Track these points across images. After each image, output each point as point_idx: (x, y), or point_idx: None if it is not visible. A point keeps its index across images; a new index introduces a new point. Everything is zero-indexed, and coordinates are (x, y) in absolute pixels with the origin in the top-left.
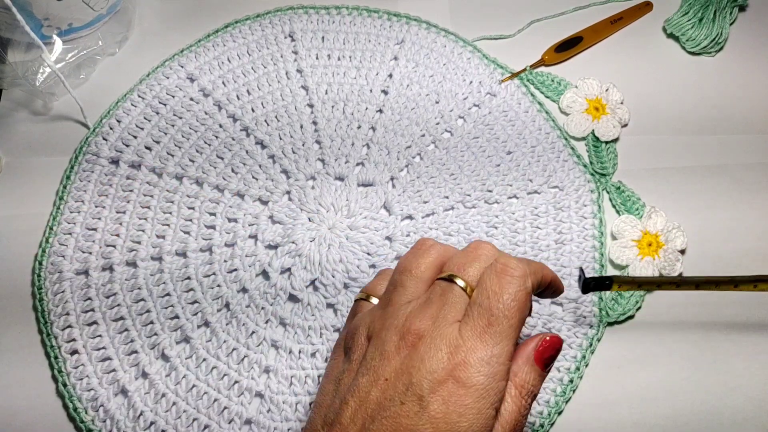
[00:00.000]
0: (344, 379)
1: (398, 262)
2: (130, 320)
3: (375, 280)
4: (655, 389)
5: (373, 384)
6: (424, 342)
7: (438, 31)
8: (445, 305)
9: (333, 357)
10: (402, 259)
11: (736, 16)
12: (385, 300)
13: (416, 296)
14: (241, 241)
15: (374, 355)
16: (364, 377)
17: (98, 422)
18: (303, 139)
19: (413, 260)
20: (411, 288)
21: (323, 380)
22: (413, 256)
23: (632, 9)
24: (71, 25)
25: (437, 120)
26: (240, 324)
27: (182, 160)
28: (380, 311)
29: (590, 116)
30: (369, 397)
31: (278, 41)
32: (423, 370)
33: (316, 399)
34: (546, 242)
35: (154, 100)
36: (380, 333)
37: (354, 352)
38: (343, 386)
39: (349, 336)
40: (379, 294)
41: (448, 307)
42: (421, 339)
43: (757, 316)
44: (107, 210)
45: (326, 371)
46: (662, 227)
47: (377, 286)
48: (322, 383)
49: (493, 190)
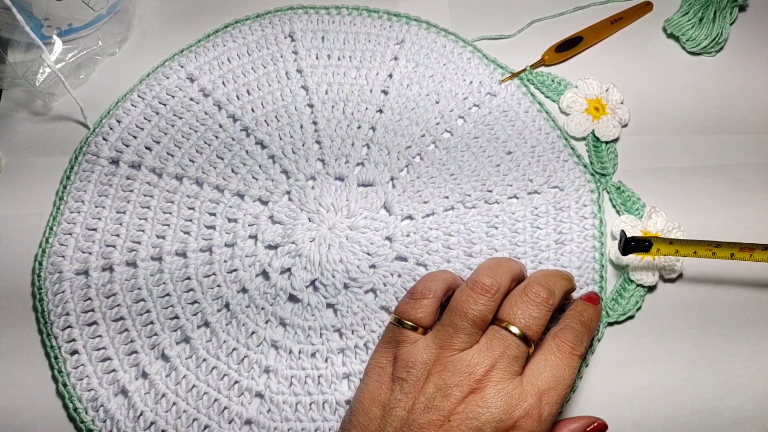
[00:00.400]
0: (397, 410)
1: (455, 301)
2: (130, 320)
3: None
4: (655, 389)
5: (436, 423)
6: (489, 389)
7: (438, 31)
8: (505, 354)
9: (375, 378)
10: (459, 299)
11: (736, 16)
12: (441, 340)
13: (473, 341)
14: (241, 241)
15: (436, 395)
16: (426, 415)
17: (98, 422)
18: (303, 139)
19: (473, 306)
20: (468, 333)
21: (366, 400)
22: (474, 302)
23: (632, 9)
24: (71, 25)
25: (437, 120)
26: (240, 324)
27: (182, 160)
28: (437, 350)
29: (590, 116)
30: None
31: (278, 41)
32: (491, 417)
33: (359, 418)
34: (546, 242)
35: (154, 100)
36: (442, 374)
37: (410, 385)
38: (396, 417)
39: (402, 366)
40: (423, 324)
41: (508, 358)
42: (486, 387)
43: (757, 316)
44: (107, 210)
45: (369, 392)
46: (662, 227)
47: (417, 314)
48: (365, 403)
49: (493, 190)
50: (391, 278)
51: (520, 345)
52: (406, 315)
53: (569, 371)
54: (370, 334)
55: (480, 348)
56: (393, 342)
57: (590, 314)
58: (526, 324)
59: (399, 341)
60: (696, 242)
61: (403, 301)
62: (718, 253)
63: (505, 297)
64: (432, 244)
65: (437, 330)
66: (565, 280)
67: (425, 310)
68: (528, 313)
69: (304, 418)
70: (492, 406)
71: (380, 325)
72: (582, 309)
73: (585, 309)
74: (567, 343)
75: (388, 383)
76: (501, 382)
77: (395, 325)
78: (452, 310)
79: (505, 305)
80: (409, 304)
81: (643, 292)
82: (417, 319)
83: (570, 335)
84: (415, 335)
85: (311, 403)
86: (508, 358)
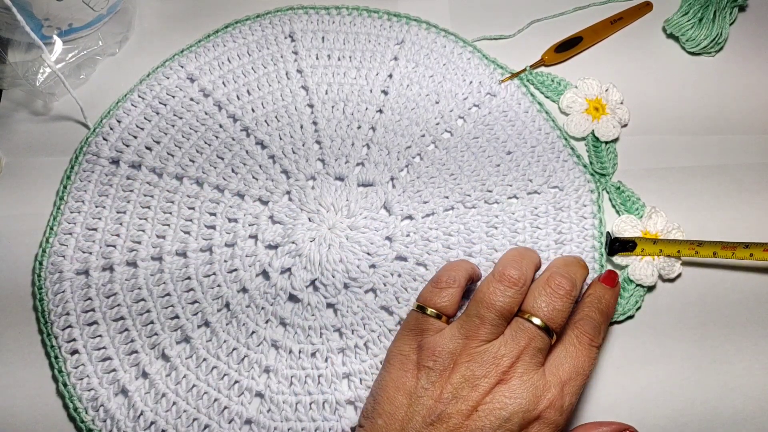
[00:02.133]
0: (424, 399)
1: (480, 292)
2: (131, 320)
3: (433, 291)
4: (655, 389)
5: (464, 413)
6: (515, 380)
7: (438, 31)
8: (530, 346)
9: (399, 366)
10: (485, 290)
11: (736, 16)
12: (467, 330)
13: (499, 332)
14: (241, 241)
15: (463, 385)
16: (454, 405)
17: (98, 422)
18: (303, 139)
19: (500, 298)
20: (495, 324)
21: (390, 388)
22: (501, 294)
23: (632, 9)
24: (71, 25)
25: (437, 120)
26: (240, 324)
27: (182, 160)
28: (463, 340)
29: (590, 116)
30: (458, 424)
31: (278, 41)
32: (518, 408)
33: (384, 407)
34: (546, 242)
35: (154, 100)
36: (469, 365)
37: (437, 374)
38: (423, 406)
39: (428, 355)
40: (447, 312)
41: (533, 350)
42: (513, 378)
43: (757, 316)
44: (107, 210)
45: (393, 380)
46: (662, 227)
47: (442, 302)
48: (390, 391)
49: (493, 190)
50: (391, 278)
51: (544, 337)
52: (430, 303)
53: (589, 362)
54: (370, 333)
55: (506, 340)
56: (416, 330)
57: (608, 300)
58: (550, 316)
59: (423, 329)
60: (679, 242)
61: (426, 289)
62: (700, 251)
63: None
64: (432, 244)
65: (462, 320)
66: (584, 269)
67: (450, 299)
68: (552, 306)
69: (304, 418)
70: (519, 396)
71: (380, 324)
72: (601, 294)
73: (603, 294)
74: (586, 335)
75: (413, 371)
76: (526, 373)
77: (418, 312)
78: (479, 301)
79: (529, 297)
80: (433, 292)
81: (643, 292)
82: (441, 308)
83: (589, 327)
84: (439, 324)
85: (311, 403)
86: (532, 350)
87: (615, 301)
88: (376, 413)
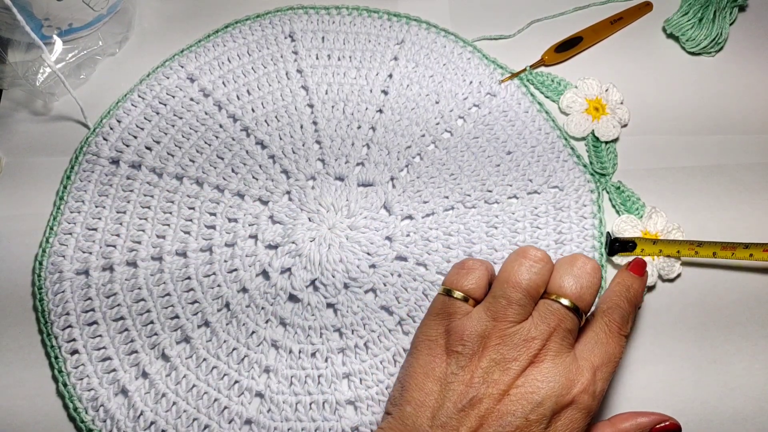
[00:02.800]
0: (454, 384)
1: (505, 271)
2: (131, 320)
3: (459, 273)
4: (655, 389)
5: (495, 397)
6: (546, 363)
7: (438, 31)
8: (560, 327)
9: (427, 352)
10: (509, 269)
11: (736, 16)
12: (494, 312)
13: (527, 313)
14: (241, 241)
15: (494, 369)
16: (485, 389)
17: (98, 422)
18: (303, 139)
19: (525, 276)
20: (522, 304)
21: (419, 374)
22: (527, 270)
23: (632, 9)
24: (71, 25)
25: (437, 120)
26: (240, 324)
27: (182, 160)
28: (492, 322)
29: (590, 116)
30: (490, 408)
31: (278, 41)
32: (551, 391)
33: (413, 393)
34: (546, 242)
35: (154, 100)
36: (498, 348)
37: (466, 358)
38: (454, 391)
39: (456, 339)
40: (474, 295)
41: (563, 331)
42: (544, 361)
43: (757, 316)
44: (107, 210)
45: (421, 366)
46: (662, 227)
47: (468, 285)
48: (419, 378)
49: (493, 190)
50: (391, 278)
51: (574, 318)
52: (457, 285)
53: (619, 350)
54: (370, 333)
55: (535, 321)
56: (443, 314)
57: (636, 289)
58: (578, 295)
59: (450, 313)
60: (678, 242)
61: (452, 272)
62: (700, 252)
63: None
64: (432, 244)
65: (489, 302)
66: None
67: (476, 282)
68: (579, 284)
69: (304, 418)
70: (552, 380)
71: (380, 324)
72: (629, 283)
73: (632, 283)
74: (615, 323)
75: (442, 356)
76: (558, 355)
77: (445, 296)
78: (504, 281)
79: (554, 278)
80: (459, 274)
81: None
82: (468, 290)
83: (617, 315)
84: (466, 306)
85: (311, 403)
86: (563, 331)
87: (643, 291)
88: (405, 400)
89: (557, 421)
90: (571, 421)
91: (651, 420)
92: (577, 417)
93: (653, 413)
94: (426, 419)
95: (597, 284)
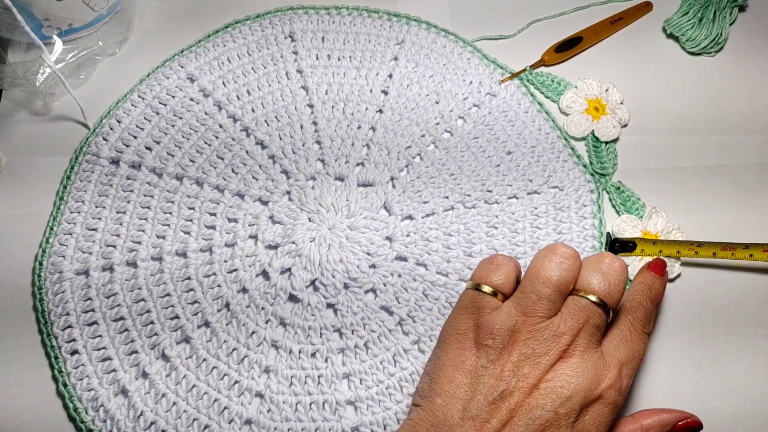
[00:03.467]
0: (485, 378)
1: (535, 267)
2: (131, 320)
3: (488, 269)
4: (655, 389)
5: (525, 391)
6: (575, 358)
7: (438, 31)
8: (589, 323)
9: (456, 345)
10: (539, 265)
11: (736, 16)
12: (524, 307)
13: (556, 309)
14: (241, 241)
15: (524, 363)
16: (515, 383)
17: (98, 422)
18: (303, 139)
19: (555, 272)
20: (552, 300)
21: (449, 367)
22: (557, 266)
23: (632, 9)
24: (71, 25)
25: (437, 120)
26: (240, 324)
27: (182, 160)
28: (521, 317)
29: (590, 116)
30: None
31: (278, 41)
32: (580, 386)
33: (443, 386)
34: (546, 242)
35: (154, 100)
36: (528, 342)
37: (496, 352)
38: (484, 384)
39: (486, 333)
40: (503, 290)
41: (592, 327)
42: (573, 356)
43: (757, 316)
44: (107, 210)
45: (451, 359)
46: (662, 227)
47: (497, 280)
48: (449, 371)
49: (493, 190)
50: (391, 278)
51: (602, 314)
52: (486, 280)
53: (643, 347)
54: (370, 334)
55: (564, 317)
56: (472, 308)
57: (657, 289)
58: (606, 292)
59: (479, 307)
60: (678, 242)
61: (481, 267)
62: (700, 252)
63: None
64: (432, 244)
65: (518, 297)
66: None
67: (505, 277)
68: (607, 281)
69: (304, 418)
70: (581, 375)
71: (380, 324)
72: (651, 283)
73: (653, 283)
74: (639, 321)
75: (472, 349)
76: (587, 351)
77: (473, 291)
78: (534, 277)
79: (583, 275)
80: (488, 269)
81: None
82: (497, 285)
83: (641, 314)
84: (495, 301)
85: (311, 403)
86: (591, 328)
87: (663, 290)
88: (434, 392)
89: (585, 415)
90: (599, 416)
91: (674, 417)
92: (604, 412)
93: (676, 410)
94: (457, 411)
95: (624, 282)
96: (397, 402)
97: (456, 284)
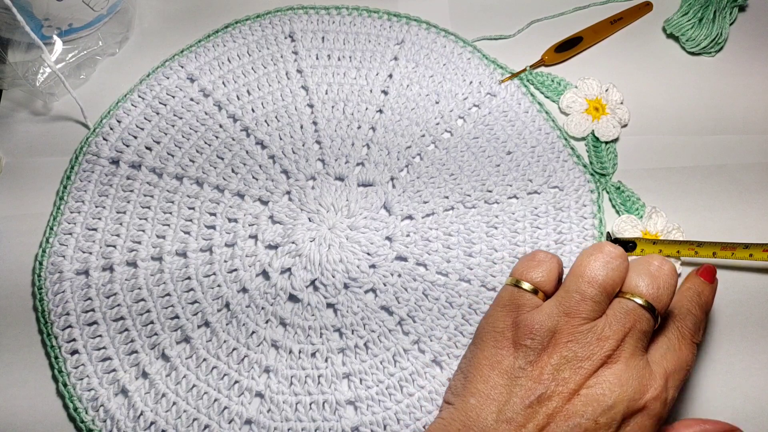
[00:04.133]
0: (522, 379)
1: (580, 266)
2: (131, 320)
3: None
4: None
5: (564, 396)
6: (619, 365)
7: (438, 31)
8: (635, 328)
9: (493, 344)
10: (584, 263)
11: (736, 16)
12: (566, 307)
13: (601, 311)
14: (241, 241)
15: (564, 367)
16: (554, 387)
17: (98, 422)
18: (303, 139)
19: (602, 271)
20: (597, 301)
21: (484, 366)
22: (603, 266)
23: (632, 9)
24: (71, 25)
25: (437, 120)
26: (240, 324)
27: (182, 160)
28: (564, 317)
29: (590, 116)
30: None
31: (278, 41)
32: (623, 396)
33: (478, 385)
34: (546, 242)
35: (154, 100)
36: (569, 345)
37: (535, 353)
38: (521, 386)
39: (525, 333)
40: (544, 288)
41: (638, 332)
42: (617, 362)
43: (757, 316)
44: (107, 210)
45: (487, 358)
46: (662, 227)
47: (538, 277)
48: (484, 370)
49: (493, 190)
50: (391, 278)
51: (650, 319)
52: (526, 277)
53: (691, 357)
54: (370, 334)
55: (609, 320)
56: (511, 306)
57: (707, 296)
58: (655, 295)
59: (518, 305)
60: (678, 242)
61: (521, 263)
62: (700, 252)
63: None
64: (432, 244)
65: (561, 296)
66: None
67: (546, 275)
68: (656, 284)
69: (304, 418)
70: (625, 383)
71: (380, 324)
72: (700, 290)
73: (703, 290)
74: (688, 329)
75: (509, 349)
76: (632, 358)
77: (513, 287)
78: (579, 276)
79: (630, 277)
80: (529, 266)
81: None
82: (538, 282)
83: (690, 322)
84: (535, 299)
85: (311, 403)
86: (638, 333)
87: (713, 297)
88: (468, 392)
89: (626, 426)
90: (641, 428)
91: (716, 428)
92: (647, 424)
93: (718, 421)
94: (491, 413)
95: (674, 286)
96: (397, 402)
97: (456, 284)
